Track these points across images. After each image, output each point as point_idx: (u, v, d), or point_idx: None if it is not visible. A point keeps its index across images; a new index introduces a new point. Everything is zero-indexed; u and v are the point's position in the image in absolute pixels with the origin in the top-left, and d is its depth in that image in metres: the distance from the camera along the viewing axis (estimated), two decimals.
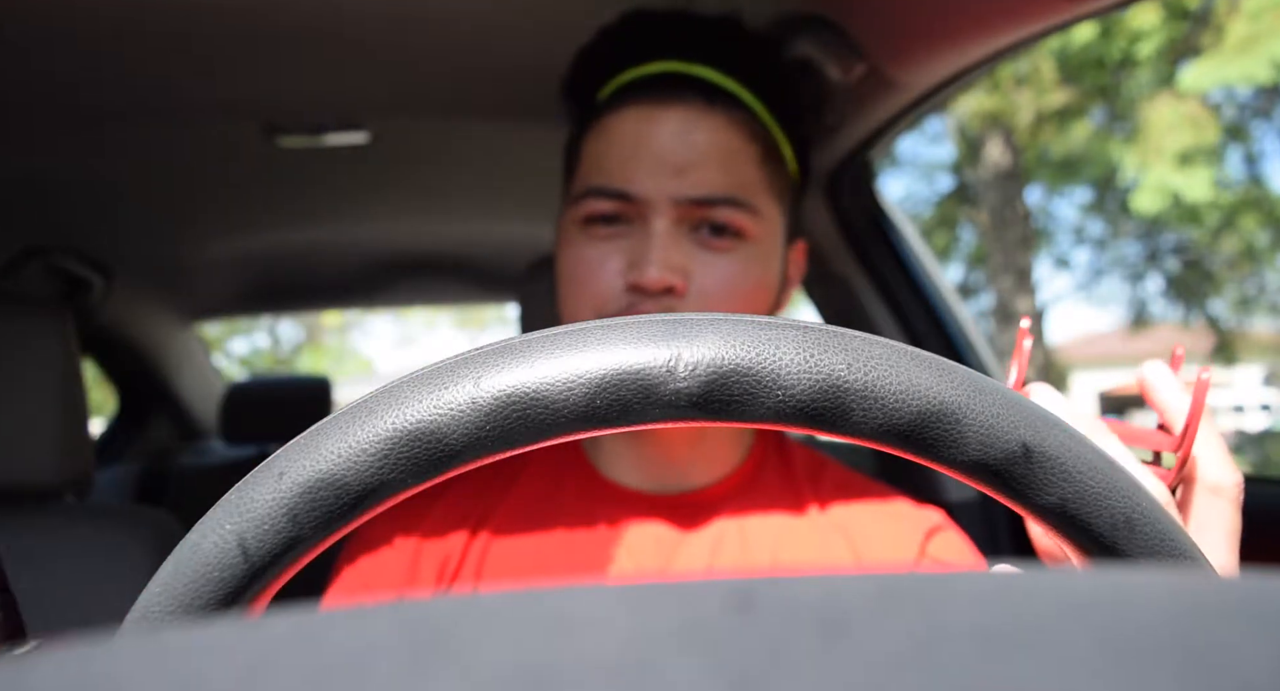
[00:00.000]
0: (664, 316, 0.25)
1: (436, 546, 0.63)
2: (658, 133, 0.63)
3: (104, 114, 1.04)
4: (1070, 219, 11.58)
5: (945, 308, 1.17)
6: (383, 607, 0.12)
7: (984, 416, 0.24)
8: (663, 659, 0.10)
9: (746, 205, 0.64)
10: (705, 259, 0.62)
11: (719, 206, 0.63)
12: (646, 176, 0.62)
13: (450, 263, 1.91)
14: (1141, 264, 10.38)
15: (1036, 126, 8.16)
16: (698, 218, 0.63)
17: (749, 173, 0.65)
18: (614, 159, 0.64)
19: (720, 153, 0.64)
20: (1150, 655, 0.10)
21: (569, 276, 0.65)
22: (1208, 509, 0.39)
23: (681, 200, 0.62)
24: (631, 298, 0.61)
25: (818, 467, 0.70)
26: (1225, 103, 8.26)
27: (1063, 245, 10.88)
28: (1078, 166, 8.69)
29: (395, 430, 0.24)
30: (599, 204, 0.64)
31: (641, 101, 0.65)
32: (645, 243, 0.62)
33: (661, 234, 0.62)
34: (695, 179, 0.62)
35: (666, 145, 0.63)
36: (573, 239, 0.65)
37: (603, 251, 0.63)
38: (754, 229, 0.64)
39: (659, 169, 0.62)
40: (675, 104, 0.64)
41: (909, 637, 0.11)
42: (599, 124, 0.66)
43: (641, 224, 0.63)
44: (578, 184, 0.66)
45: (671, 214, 0.62)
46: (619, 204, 0.63)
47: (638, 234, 0.63)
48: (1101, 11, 0.71)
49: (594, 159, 0.66)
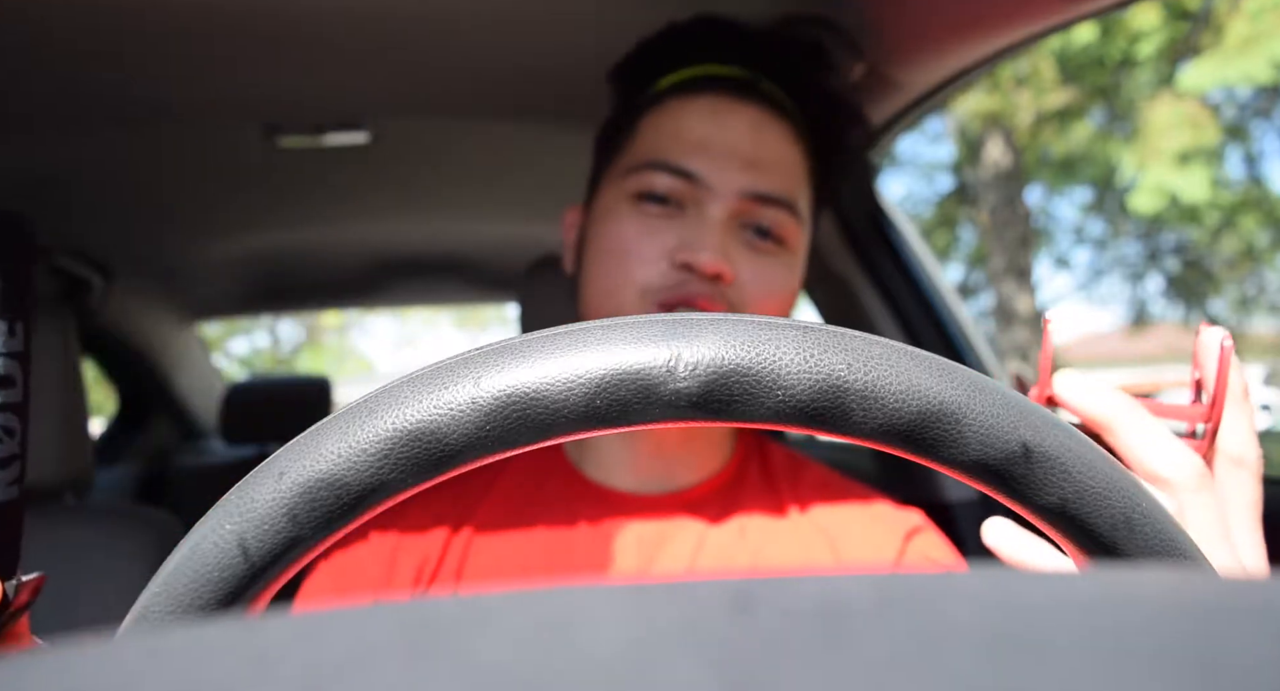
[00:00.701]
0: (664, 316, 0.25)
1: (415, 545, 0.62)
2: (731, 125, 0.64)
3: (104, 114, 1.04)
4: (1070, 219, 11.58)
5: (945, 308, 1.17)
6: (383, 607, 0.12)
7: (984, 416, 0.24)
8: (662, 659, 0.10)
9: (796, 213, 0.65)
10: (750, 258, 0.63)
11: (777, 207, 0.64)
12: (715, 163, 0.63)
13: (450, 263, 1.92)
14: (1141, 264, 10.38)
15: (1036, 126, 8.16)
16: (752, 214, 0.64)
17: (802, 184, 0.67)
18: (684, 139, 0.64)
19: (782, 158, 0.65)
20: (1150, 655, 0.10)
21: (611, 249, 0.64)
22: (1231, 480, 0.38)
23: (747, 193, 0.63)
24: (681, 276, 0.61)
25: (797, 468, 0.70)
26: (1225, 103, 8.26)
27: (1063, 245, 10.89)
28: (1078, 166, 8.69)
29: (395, 430, 0.24)
30: (659, 178, 0.63)
31: (715, 95, 0.66)
32: (700, 227, 0.62)
33: (719, 222, 0.62)
34: (761, 176, 0.63)
35: (738, 138, 0.64)
36: (618, 211, 0.65)
37: (651, 227, 0.63)
38: (795, 238, 0.65)
39: (729, 159, 0.63)
40: (748, 103, 0.66)
41: (909, 638, 0.11)
42: (664, 106, 0.67)
43: (696, 209, 0.63)
44: (633, 156, 0.66)
45: (731, 205, 0.63)
46: (680, 182, 0.63)
47: (691, 219, 0.63)
48: (1101, 11, 0.71)
49: (659, 136, 0.66)
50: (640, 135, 0.67)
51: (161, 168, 1.26)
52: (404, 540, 0.62)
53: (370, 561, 0.62)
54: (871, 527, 0.65)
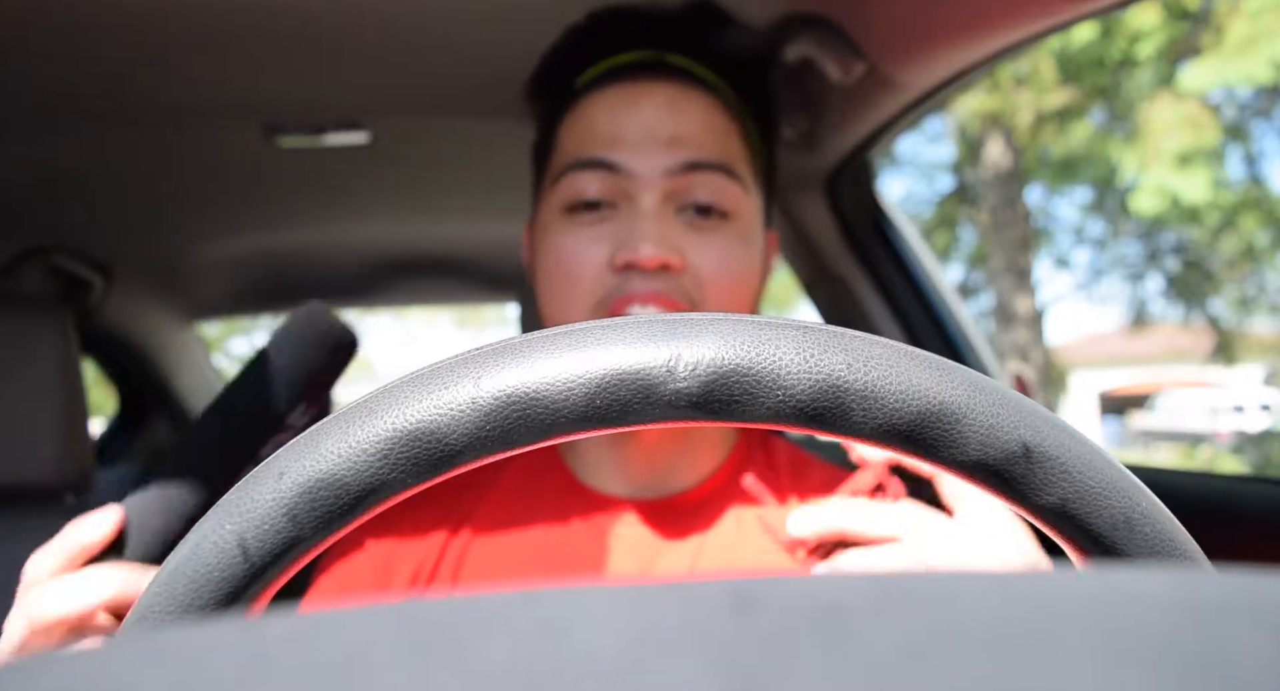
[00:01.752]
0: (664, 316, 0.25)
1: (411, 550, 0.62)
2: (645, 105, 0.62)
3: (104, 114, 1.04)
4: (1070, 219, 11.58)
5: (945, 308, 1.17)
6: (383, 607, 0.12)
7: (984, 416, 0.24)
8: (663, 659, 0.10)
9: (734, 175, 0.62)
10: (696, 240, 0.61)
11: (710, 171, 0.61)
12: (635, 148, 0.60)
13: (450, 263, 1.92)
14: (1141, 264, 10.38)
15: (1036, 126, 8.16)
16: (687, 190, 0.61)
17: (734, 147, 0.64)
18: (599, 132, 0.62)
19: (707, 125, 0.62)
20: (1150, 655, 0.10)
21: (553, 269, 0.62)
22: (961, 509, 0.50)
23: (673, 169, 0.60)
24: (622, 279, 0.59)
25: (802, 465, 0.68)
26: (1225, 103, 8.27)
27: (1063, 245, 10.89)
28: (1078, 166, 8.69)
29: (395, 430, 0.24)
30: (582, 179, 0.61)
31: (625, 82, 0.63)
32: (634, 222, 0.59)
33: (652, 210, 0.60)
34: (685, 147, 0.61)
35: (654, 117, 0.61)
36: (552, 227, 0.62)
37: (586, 238, 0.60)
38: (740, 204, 0.62)
39: (648, 140, 0.60)
40: (659, 84, 0.63)
41: (909, 637, 0.11)
42: (576, 106, 0.64)
43: (628, 204, 0.60)
44: (556, 165, 0.64)
45: (662, 187, 0.60)
46: (603, 177, 0.60)
47: (624, 216, 0.60)
48: (1101, 11, 0.71)
49: (574, 136, 0.63)
50: (559, 141, 0.65)
51: (161, 168, 1.26)
52: (400, 545, 0.62)
53: (367, 568, 0.61)
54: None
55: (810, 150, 1.07)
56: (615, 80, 0.64)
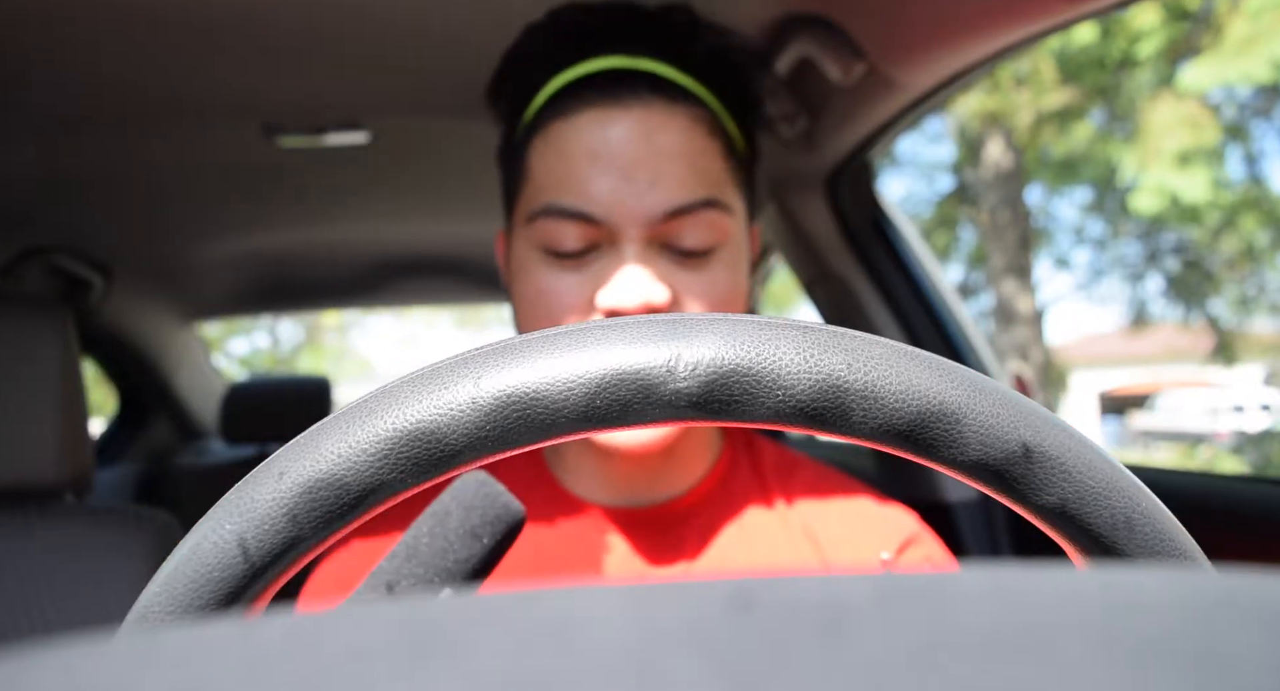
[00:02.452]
0: (664, 316, 0.25)
1: None
2: (618, 139, 0.57)
3: (104, 114, 1.04)
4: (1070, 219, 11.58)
5: (945, 308, 1.17)
6: (383, 608, 0.12)
7: (984, 416, 0.24)
8: (663, 659, 0.10)
9: (721, 205, 0.59)
10: (683, 276, 0.58)
11: (696, 211, 0.58)
12: (613, 194, 0.57)
13: (450, 263, 1.92)
14: (1141, 264, 10.38)
15: (1036, 126, 8.16)
16: (671, 234, 0.58)
17: (717, 170, 0.60)
18: (574, 173, 0.58)
19: (689, 154, 0.58)
20: (1151, 655, 0.10)
21: (531, 307, 0.60)
22: None
23: (655, 218, 0.57)
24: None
25: (789, 466, 0.67)
26: (1225, 103, 8.27)
27: (1063, 245, 10.90)
28: (1078, 167, 8.69)
29: (395, 430, 0.24)
30: (560, 228, 0.58)
31: (594, 104, 0.59)
32: (617, 266, 0.57)
33: (634, 255, 0.57)
34: (669, 188, 0.57)
35: (633, 153, 0.57)
36: (531, 267, 0.60)
37: (569, 283, 0.58)
38: (728, 229, 0.60)
39: (625, 183, 0.57)
40: (633, 104, 0.58)
41: (909, 637, 0.11)
42: (546, 131, 0.60)
43: (610, 246, 0.58)
44: (530, 199, 0.60)
45: (644, 234, 0.57)
46: (583, 227, 0.57)
47: (606, 258, 0.58)
48: (1101, 11, 0.71)
49: (548, 171, 0.59)
50: (531, 170, 0.61)
51: (161, 168, 1.26)
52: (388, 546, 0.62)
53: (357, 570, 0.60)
54: (865, 533, 0.63)
55: (810, 150, 1.07)
56: (585, 99, 0.59)
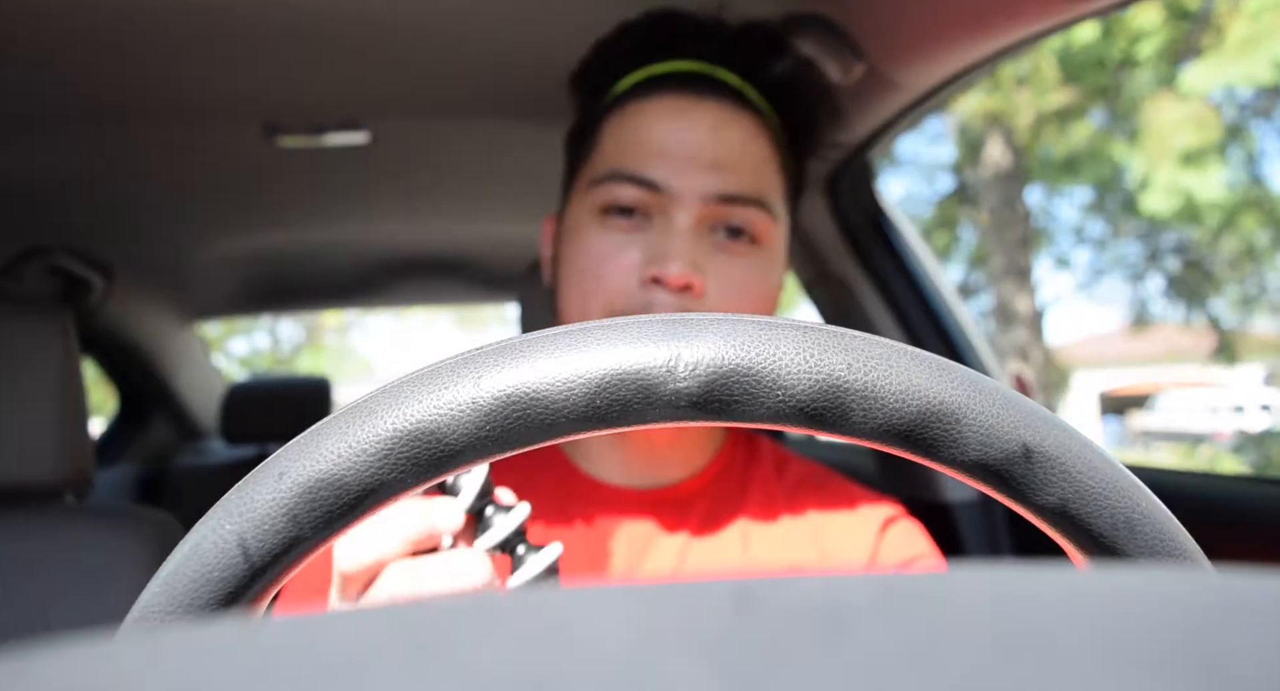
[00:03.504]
0: (664, 316, 0.25)
1: None
2: (692, 126, 0.63)
3: (104, 114, 1.04)
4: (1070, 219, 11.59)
5: (945, 308, 1.17)
6: (383, 608, 0.12)
7: (984, 416, 0.24)
8: (664, 659, 0.10)
9: (769, 209, 0.64)
10: (721, 261, 0.62)
11: (745, 205, 0.62)
12: (677, 169, 0.61)
13: (450, 263, 1.92)
14: (1142, 264, 10.38)
15: (1037, 126, 8.16)
16: (720, 216, 0.62)
17: (772, 178, 0.65)
18: (644, 146, 0.63)
19: (749, 154, 0.64)
20: (1151, 655, 0.10)
21: (580, 268, 0.63)
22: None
23: (710, 197, 0.61)
24: (648, 293, 0.60)
25: (783, 462, 0.71)
26: (1225, 103, 8.27)
27: (1063, 245, 10.89)
28: (1078, 166, 8.69)
29: (395, 430, 0.24)
30: (622, 190, 0.62)
31: (674, 94, 0.64)
32: (668, 237, 0.61)
33: (685, 230, 0.61)
34: (726, 176, 0.62)
35: (699, 139, 0.62)
36: (585, 227, 0.64)
37: (618, 242, 0.62)
38: (770, 234, 0.64)
39: (691, 163, 0.62)
40: (707, 101, 0.64)
41: (910, 637, 0.11)
42: (624, 111, 0.65)
43: (663, 218, 0.62)
44: (596, 167, 0.65)
45: (696, 210, 0.61)
46: (643, 192, 0.62)
47: (658, 228, 0.62)
48: (1101, 11, 0.71)
49: (619, 144, 0.64)
50: (602, 143, 0.66)
51: (162, 168, 1.26)
52: None
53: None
54: (850, 521, 0.66)
55: None
56: (664, 90, 0.64)
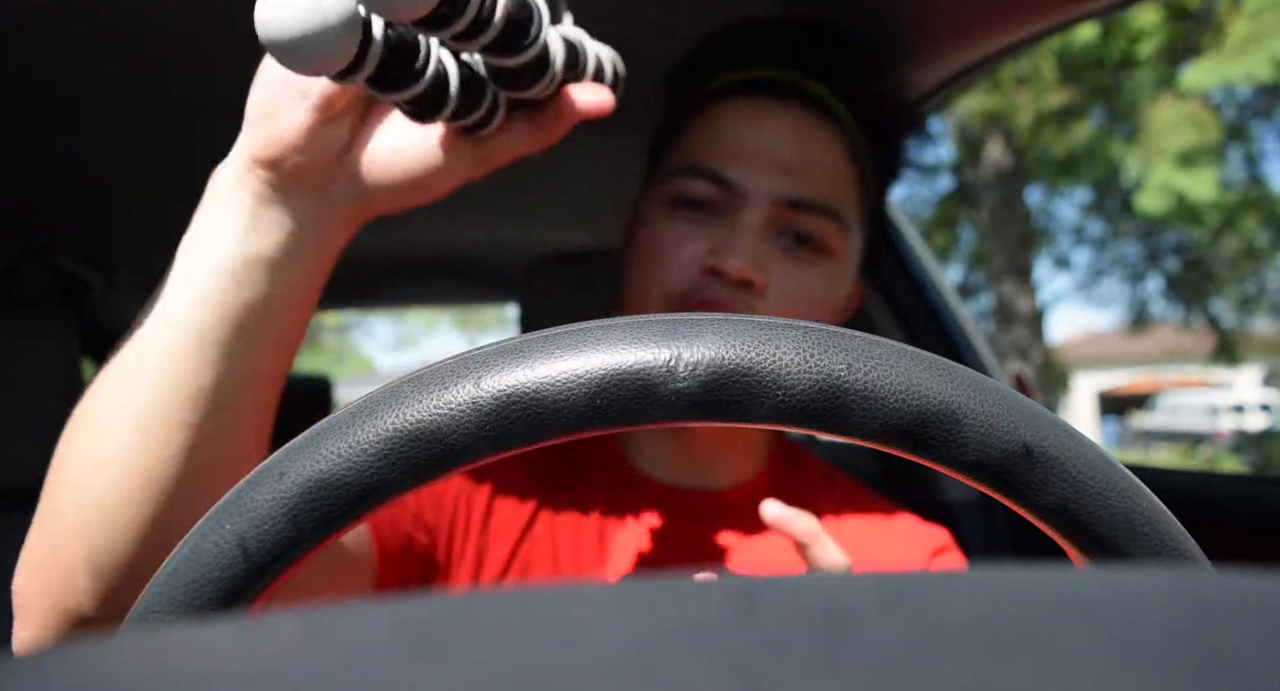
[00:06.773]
0: (664, 316, 0.25)
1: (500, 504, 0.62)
2: (770, 129, 0.63)
3: (104, 114, 1.04)
4: (1070, 219, 11.58)
5: (945, 308, 1.17)
6: (383, 607, 0.12)
7: (984, 416, 0.24)
8: (664, 659, 0.10)
9: (839, 219, 0.63)
10: (785, 265, 0.62)
11: (814, 212, 0.62)
12: (750, 169, 0.62)
13: (450, 263, 1.91)
14: (1141, 264, 10.38)
15: (1036, 126, 8.16)
16: (789, 221, 0.62)
17: (846, 190, 0.65)
18: (721, 144, 0.63)
19: (825, 163, 0.64)
20: (1151, 655, 0.10)
21: (644, 254, 0.64)
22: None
23: (780, 199, 0.61)
24: (705, 281, 0.60)
25: (830, 478, 0.71)
26: (1225, 102, 8.26)
27: (1063, 245, 10.89)
28: (1078, 166, 8.69)
29: (395, 430, 0.24)
30: (694, 184, 0.62)
31: (757, 97, 0.64)
32: (733, 232, 0.61)
33: (751, 227, 0.61)
34: (798, 181, 0.62)
35: (777, 143, 0.63)
36: (654, 217, 0.64)
37: (684, 233, 0.62)
38: (838, 246, 0.64)
39: (765, 164, 0.62)
40: (791, 107, 0.64)
41: (912, 637, 0.11)
42: (706, 110, 0.66)
43: (731, 215, 0.62)
44: (675, 161, 0.65)
45: (766, 211, 0.61)
46: (714, 188, 0.62)
47: (725, 224, 0.62)
48: (1102, 11, 0.71)
49: (698, 139, 0.65)
50: (681, 140, 0.66)
51: (162, 167, 1.26)
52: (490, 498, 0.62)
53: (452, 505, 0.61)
54: (899, 543, 0.66)
55: None
56: (748, 93, 0.65)
